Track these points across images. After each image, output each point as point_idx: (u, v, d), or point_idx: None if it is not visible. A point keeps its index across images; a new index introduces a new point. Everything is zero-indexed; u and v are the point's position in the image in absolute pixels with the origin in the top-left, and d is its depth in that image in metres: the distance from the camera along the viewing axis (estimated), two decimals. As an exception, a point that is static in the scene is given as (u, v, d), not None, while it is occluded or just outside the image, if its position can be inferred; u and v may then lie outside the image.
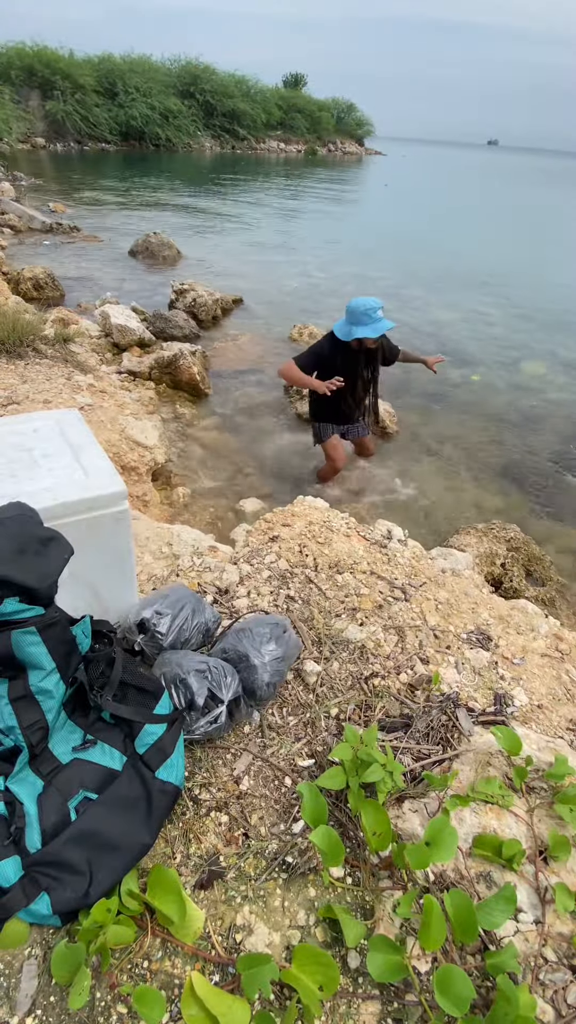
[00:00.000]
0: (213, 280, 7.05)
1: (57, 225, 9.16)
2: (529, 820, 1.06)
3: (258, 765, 1.17)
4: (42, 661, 0.80)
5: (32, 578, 0.77)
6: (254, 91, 36.47)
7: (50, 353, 3.26)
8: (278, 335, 5.88)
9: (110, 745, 0.88)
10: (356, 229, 13.07)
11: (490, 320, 7.18)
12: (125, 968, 0.87)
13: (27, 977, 0.89)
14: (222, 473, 3.49)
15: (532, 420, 4.74)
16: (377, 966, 0.83)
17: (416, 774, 1.16)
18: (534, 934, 0.93)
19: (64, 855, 0.76)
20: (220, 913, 0.95)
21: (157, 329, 5.19)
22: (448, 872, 1.00)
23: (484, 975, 0.89)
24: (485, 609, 1.70)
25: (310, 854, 1.02)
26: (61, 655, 0.83)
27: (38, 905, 0.74)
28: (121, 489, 1.10)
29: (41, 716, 0.81)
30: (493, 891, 0.96)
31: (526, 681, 1.44)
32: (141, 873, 0.95)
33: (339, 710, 1.31)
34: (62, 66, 26.03)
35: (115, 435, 2.67)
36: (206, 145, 32.78)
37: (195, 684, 1.09)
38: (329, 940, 0.93)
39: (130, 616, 1.28)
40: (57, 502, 1.02)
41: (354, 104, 46.76)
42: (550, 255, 12.53)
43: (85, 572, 1.13)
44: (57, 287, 6.10)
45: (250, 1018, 0.77)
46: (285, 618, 1.43)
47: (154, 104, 29.10)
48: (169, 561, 1.70)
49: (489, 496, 3.68)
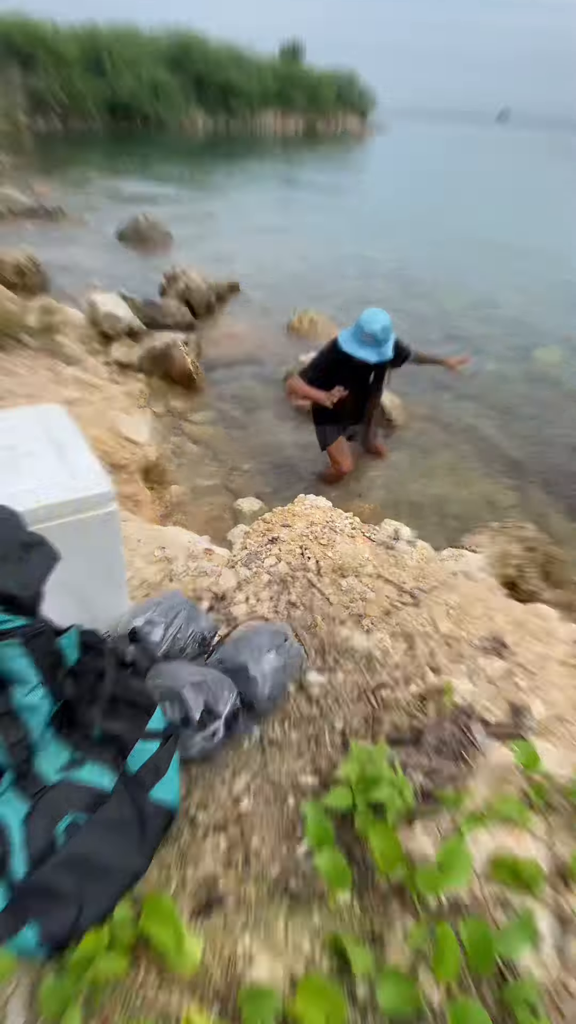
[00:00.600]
0: (207, 265, 7.04)
1: (41, 208, 9.14)
2: (549, 841, 1.05)
3: (258, 783, 1.17)
4: (26, 675, 0.79)
5: (14, 586, 0.76)
6: (249, 62, 36.39)
7: (34, 344, 3.25)
8: (277, 323, 5.88)
9: (100, 764, 0.87)
10: (359, 209, 13.04)
11: (501, 304, 7.16)
12: (118, 1002, 0.87)
13: (14, 1012, 0.88)
14: (218, 470, 3.49)
15: (547, 411, 4.73)
16: (387, 997, 0.83)
17: (427, 792, 1.16)
18: (555, 963, 0.92)
19: (52, 882, 0.76)
20: (219, 942, 0.94)
21: (148, 318, 5.19)
22: (463, 897, 0.99)
23: (502, 1007, 0.88)
24: (500, 614, 1.69)
25: (315, 879, 1.02)
26: (47, 668, 0.82)
27: (24, 936, 0.73)
28: (109, 490, 1.09)
29: (26, 733, 0.80)
30: (511, 917, 0.96)
31: (544, 691, 1.44)
32: (134, 900, 0.95)
33: (345, 724, 1.30)
34: (45, 39, 26.00)
35: (104, 431, 2.67)
36: (198, 122, 32.75)
37: (190, 697, 1.08)
38: (336, 970, 0.93)
39: (120, 625, 1.27)
40: (40, 504, 1.01)
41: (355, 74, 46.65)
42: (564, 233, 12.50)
43: (72, 579, 1.12)
44: (41, 273, 6.08)
45: (252, 1055, 0.76)
46: (286, 625, 1.42)
47: (142, 75, 29.02)
48: (162, 565, 1.70)
49: (503, 493, 3.67)
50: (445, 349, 5.79)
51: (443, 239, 10.61)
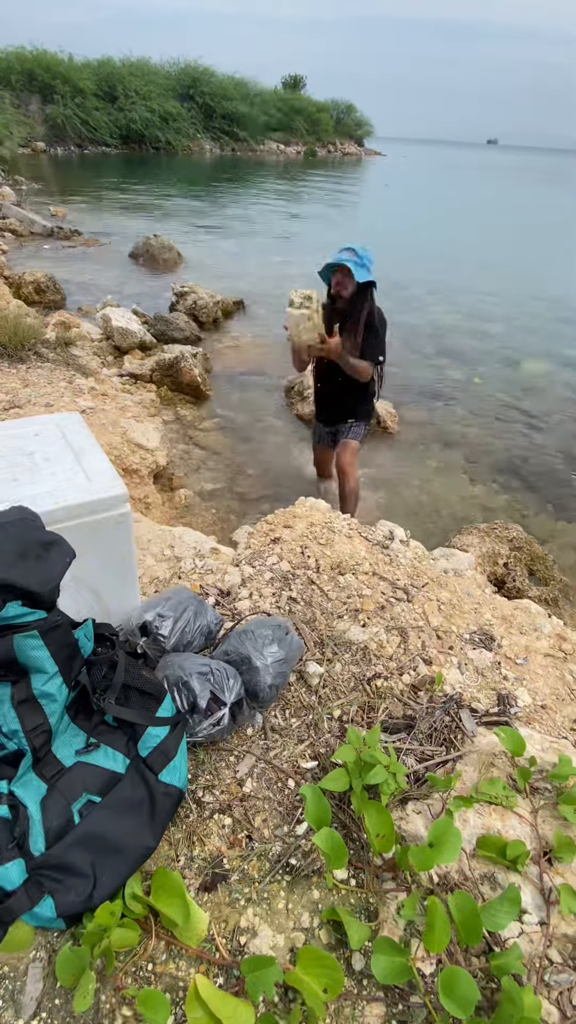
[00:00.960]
0: (214, 282, 7.07)
1: (58, 229, 9.20)
2: (533, 821, 1.05)
3: (261, 767, 1.17)
4: (44, 665, 0.80)
5: (34, 582, 0.77)
6: (253, 93, 36.62)
7: (52, 357, 3.27)
8: (278, 337, 5.89)
9: (113, 748, 0.88)
10: (357, 230, 13.09)
11: (491, 318, 7.17)
12: (130, 971, 0.87)
13: (32, 980, 0.89)
14: (224, 474, 3.50)
15: (534, 419, 4.74)
16: (381, 968, 0.83)
17: (419, 775, 1.16)
18: (539, 935, 0.93)
19: (68, 858, 0.76)
20: (224, 916, 0.95)
21: (158, 332, 5.21)
22: (452, 874, 0.99)
23: (489, 977, 0.88)
24: (488, 609, 1.70)
25: (314, 856, 1.02)
26: (63, 659, 0.83)
27: (42, 908, 0.74)
28: (123, 492, 1.10)
29: (44, 720, 0.81)
30: (497, 893, 0.96)
31: (529, 681, 1.44)
32: (145, 876, 0.96)
33: (342, 711, 1.31)
34: (62, 70, 26.19)
35: (117, 438, 2.68)
36: (206, 147, 32.90)
37: (197, 686, 1.09)
38: (333, 942, 0.93)
39: (132, 619, 1.28)
40: (59, 506, 1.02)
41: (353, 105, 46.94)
42: (549, 251, 12.52)
43: (87, 575, 1.13)
44: (58, 291, 6.12)
45: (254, 1021, 0.77)
46: (287, 620, 1.43)
47: (153, 107, 29.26)
48: (171, 563, 1.71)
49: (491, 495, 3.67)
50: (438, 361, 5.81)
51: (435, 255, 10.63)
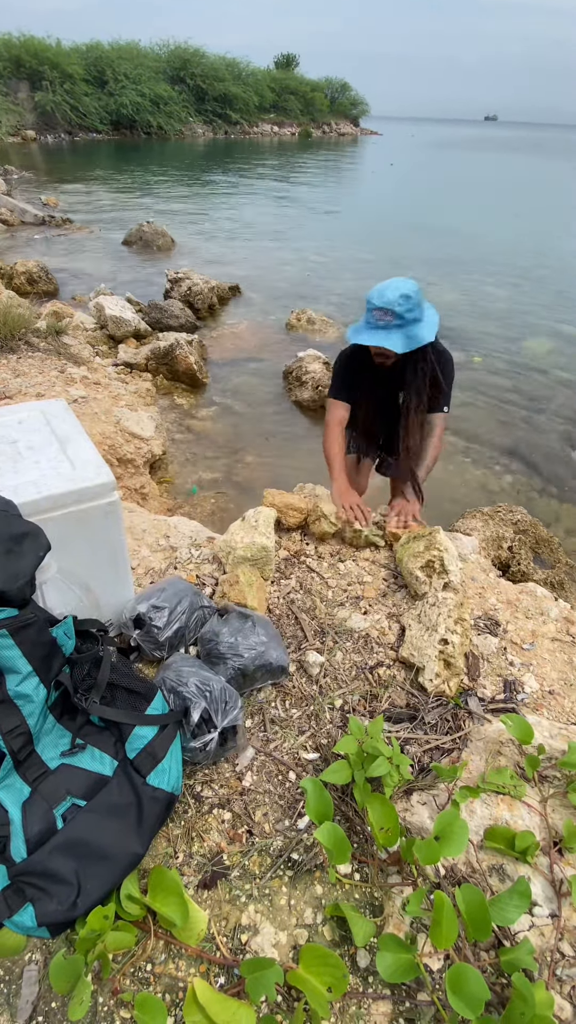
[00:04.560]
0: (209, 268, 6.96)
1: (50, 218, 9.06)
2: (542, 810, 1.02)
3: (261, 760, 1.14)
4: (17, 665, 0.76)
5: (1, 579, 0.73)
6: (245, 73, 35.91)
7: (43, 346, 3.21)
8: (275, 322, 5.80)
9: (100, 749, 0.84)
10: (356, 211, 12.86)
11: (493, 299, 7.05)
12: (128, 972, 0.85)
13: (28, 983, 0.87)
14: (222, 463, 3.45)
15: (537, 400, 4.66)
16: (387, 966, 0.80)
17: (424, 765, 1.13)
18: (550, 928, 0.90)
19: (50, 865, 0.73)
20: (224, 913, 0.92)
21: (153, 319, 5.13)
22: (459, 866, 0.96)
23: (499, 972, 0.86)
24: (492, 594, 1.66)
25: (316, 850, 1.00)
26: (39, 658, 0.79)
27: (22, 917, 0.71)
28: (109, 480, 1.06)
29: (22, 721, 0.77)
30: (506, 885, 0.93)
31: (536, 667, 1.40)
32: (142, 875, 0.93)
33: (344, 701, 1.27)
34: (50, 56, 25.68)
35: (110, 427, 2.63)
36: (199, 131, 32.34)
37: (193, 703, 1.03)
38: (337, 939, 0.91)
39: (125, 611, 1.25)
40: (42, 495, 0.98)
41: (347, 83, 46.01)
42: (552, 228, 12.28)
43: (76, 568, 1.10)
44: (51, 280, 6.03)
45: (255, 1023, 0.74)
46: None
47: (144, 91, 28.74)
48: (166, 554, 1.67)
49: (495, 478, 3.62)
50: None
51: (433, 236, 10.44)
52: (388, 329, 1.65)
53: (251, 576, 1.45)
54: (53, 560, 1.01)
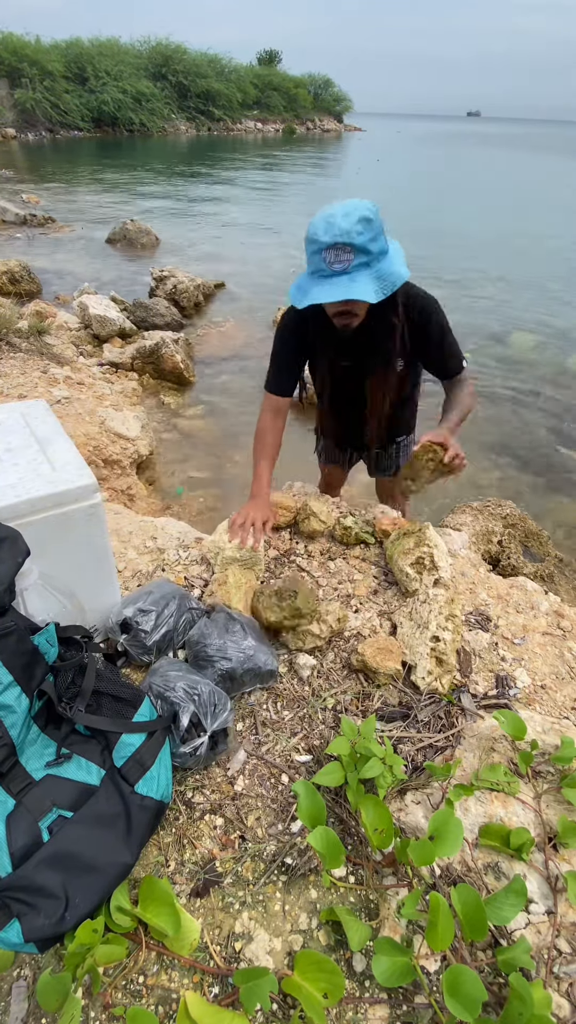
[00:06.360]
0: (194, 266, 6.91)
1: (31, 217, 8.94)
2: (537, 806, 1.02)
3: (253, 763, 1.13)
4: (-3, 675, 0.74)
5: (-23, 586, 0.71)
6: (228, 70, 35.72)
7: (25, 347, 3.16)
8: (262, 319, 5.77)
9: (87, 759, 0.82)
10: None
11: (479, 294, 7.07)
12: (119, 985, 0.83)
13: (16, 1000, 0.84)
14: (210, 462, 3.43)
15: (524, 394, 4.68)
16: (383, 970, 0.79)
17: (418, 764, 1.12)
18: (546, 925, 0.89)
19: (36, 879, 0.71)
20: (218, 921, 0.91)
21: (138, 318, 5.08)
22: (454, 865, 0.96)
23: (496, 972, 0.85)
24: (483, 589, 1.65)
25: (310, 854, 0.98)
26: (19, 667, 0.77)
27: (8, 933, 0.69)
28: (91, 482, 1.03)
29: (3, 732, 0.75)
30: (502, 883, 0.93)
31: (528, 661, 1.40)
32: (132, 885, 0.91)
33: (336, 701, 1.26)
34: (29, 52, 25.35)
35: (94, 428, 2.59)
36: (181, 128, 32.12)
37: (181, 708, 1.01)
38: (333, 943, 0.89)
39: (112, 616, 1.22)
40: (21, 499, 0.95)
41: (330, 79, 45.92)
42: (536, 223, 12.35)
43: (59, 573, 1.07)
44: (33, 280, 5.95)
45: (250, 1034, 0.72)
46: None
47: (125, 88, 28.49)
48: (154, 556, 1.65)
49: (484, 473, 3.63)
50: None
51: (419, 230, 10.45)
52: (351, 273, 1.16)
53: (240, 578, 1.43)
54: (35, 566, 0.98)
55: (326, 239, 1.13)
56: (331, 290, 1.16)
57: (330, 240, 1.13)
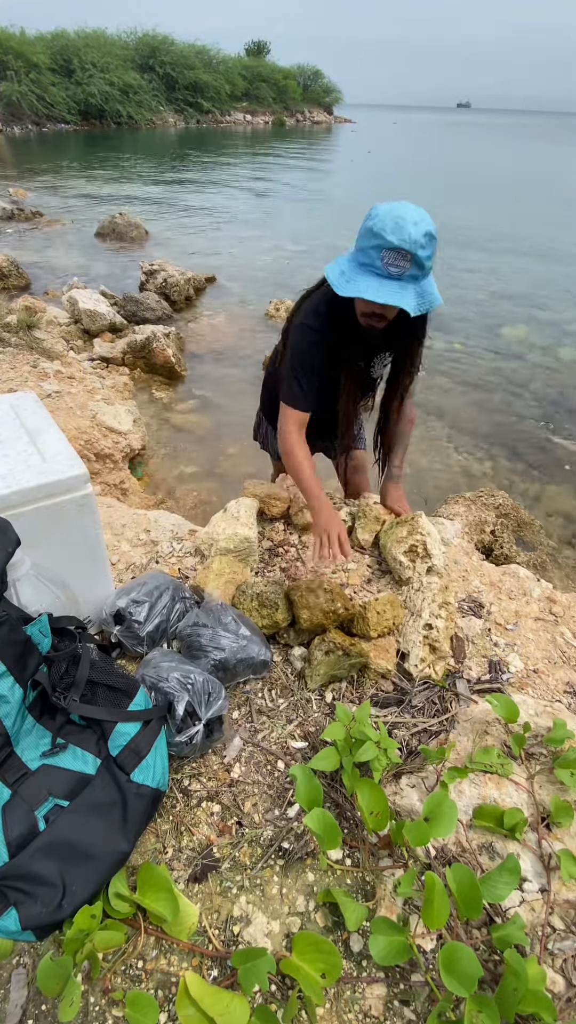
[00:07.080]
0: (184, 259, 6.86)
1: (19, 211, 8.83)
2: (530, 787, 1.03)
3: (249, 751, 1.13)
4: (-13, 666, 0.73)
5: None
6: (216, 61, 35.34)
7: (14, 341, 3.13)
8: (253, 312, 5.75)
9: (82, 748, 0.82)
10: (332, 199, 12.76)
11: (471, 285, 7.06)
12: (119, 970, 0.83)
13: (16, 987, 0.85)
14: (203, 456, 3.42)
15: (516, 385, 4.69)
16: (380, 949, 0.80)
17: (413, 748, 1.13)
18: (540, 903, 0.91)
19: (33, 867, 0.71)
20: (216, 906, 0.91)
21: (128, 313, 5.04)
22: (449, 846, 0.97)
23: (491, 949, 0.86)
24: (476, 576, 1.66)
25: (307, 838, 0.99)
26: (12, 657, 0.76)
27: (6, 921, 0.69)
28: (82, 472, 1.03)
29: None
30: (496, 862, 0.94)
31: (521, 646, 1.41)
32: (131, 872, 0.91)
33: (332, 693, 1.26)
34: (13, 44, 24.95)
35: (86, 422, 2.58)
36: (169, 120, 31.78)
37: (176, 697, 1.01)
38: (330, 925, 0.90)
39: (105, 607, 1.22)
40: (11, 490, 0.95)
41: (320, 70, 45.55)
42: (527, 213, 12.34)
43: (52, 564, 1.07)
44: (22, 275, 5.89)
45: (249, 1014, 0.73)
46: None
47: (112, 80, 28.13)
48: (147, 548, 1.64)
49: (476, 463, 3.64)
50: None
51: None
52: (403, 281, 1.16)
53: (224, 567, 1.42)
54: (27, 556, 0.98)
55: (393, 240, 1.12)
56: (384, 292, 1.16)
57: (396, 243, 1.12)
